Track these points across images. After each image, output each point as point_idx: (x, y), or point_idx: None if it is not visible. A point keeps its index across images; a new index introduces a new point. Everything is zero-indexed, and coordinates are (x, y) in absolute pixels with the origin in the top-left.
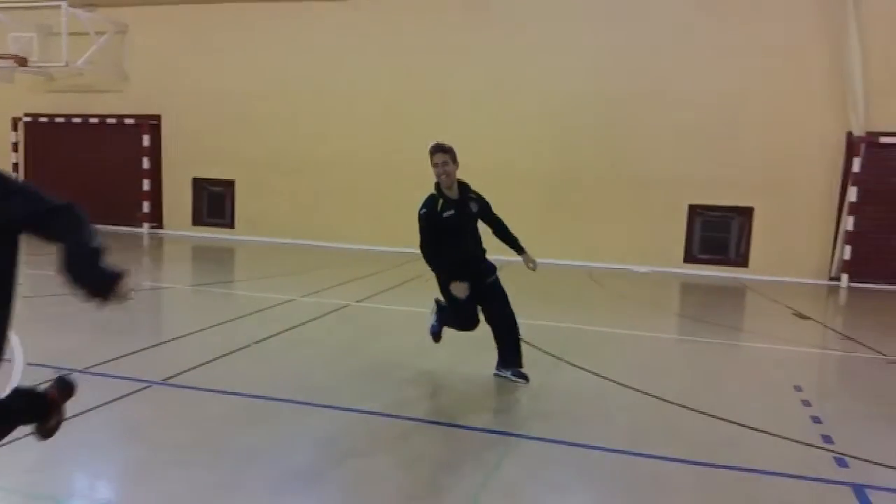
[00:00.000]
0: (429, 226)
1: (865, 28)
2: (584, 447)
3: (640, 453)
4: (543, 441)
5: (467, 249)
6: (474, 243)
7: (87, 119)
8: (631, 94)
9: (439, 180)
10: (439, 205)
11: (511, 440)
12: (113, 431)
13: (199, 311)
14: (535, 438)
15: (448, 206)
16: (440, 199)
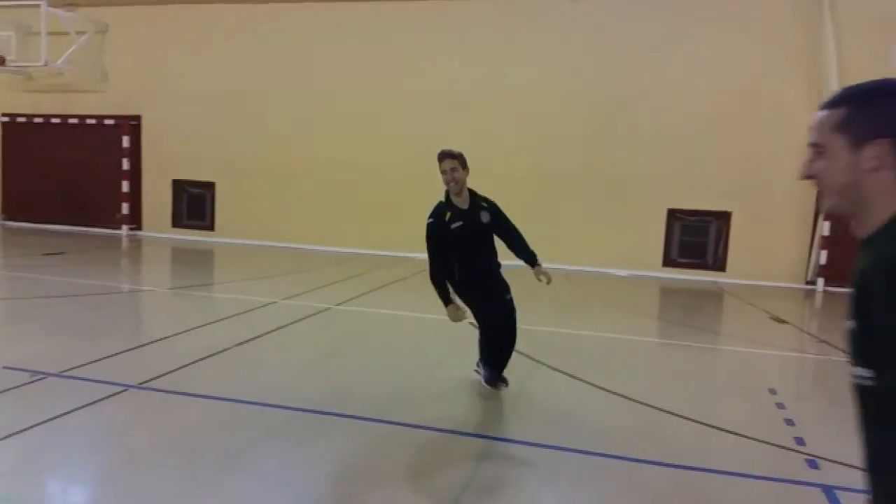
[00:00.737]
0: (435, 238)
1: (841, 37)
2: (559, 449)
3: (613, 455)
4: (519, 443)
5: (478, 262)
6: (486, 255)
7: (66, 119)
8: (611, 100)
9: (448, 188)
10: (447, 216)
11: (488, 443)
12: (89, 435)
13: (178, 314)
14: (511, 441)
15: (457, 217)
16: (448, 210)
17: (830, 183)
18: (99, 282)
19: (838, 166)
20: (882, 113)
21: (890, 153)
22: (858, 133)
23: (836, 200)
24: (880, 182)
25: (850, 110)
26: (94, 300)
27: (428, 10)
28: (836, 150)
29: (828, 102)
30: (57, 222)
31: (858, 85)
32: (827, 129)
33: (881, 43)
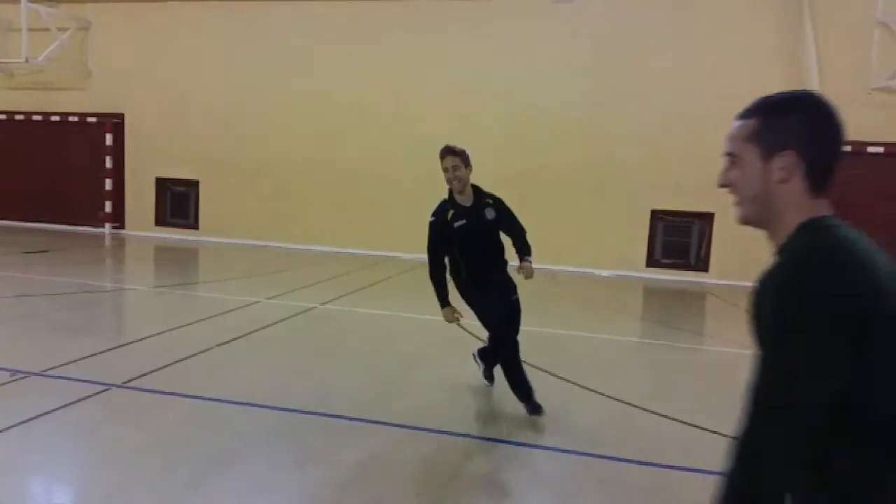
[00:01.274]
0: (436, 236)
1: (822, 42)
2: (543, 448)
3: (598, 455)
4: (503, 443)
5: (484, 261)
6: (492, 254)
7: (47, 117)
8: (595, 101)
9: (451, 186)
10: (450, 214)
11: (472, 442)
12: (70, 435)
13: (162, 313)
14: (496, 441)
15: (460, 215)
16: (451, 208)
17: (743, 192)
18: (82, 280)
19: (750, 176)
20: (790, 124)
21: (797, 164)
22: (768, 144)
23: (749, 210)
24: (789, 193)
25: (760, 121)
26: (77, 299)
27: (414, 9)
28: (748, 160)
29: (742, 113)
30: (39, 220)
31: (771, 96)
32: (740, 139)
33: (859, 46)
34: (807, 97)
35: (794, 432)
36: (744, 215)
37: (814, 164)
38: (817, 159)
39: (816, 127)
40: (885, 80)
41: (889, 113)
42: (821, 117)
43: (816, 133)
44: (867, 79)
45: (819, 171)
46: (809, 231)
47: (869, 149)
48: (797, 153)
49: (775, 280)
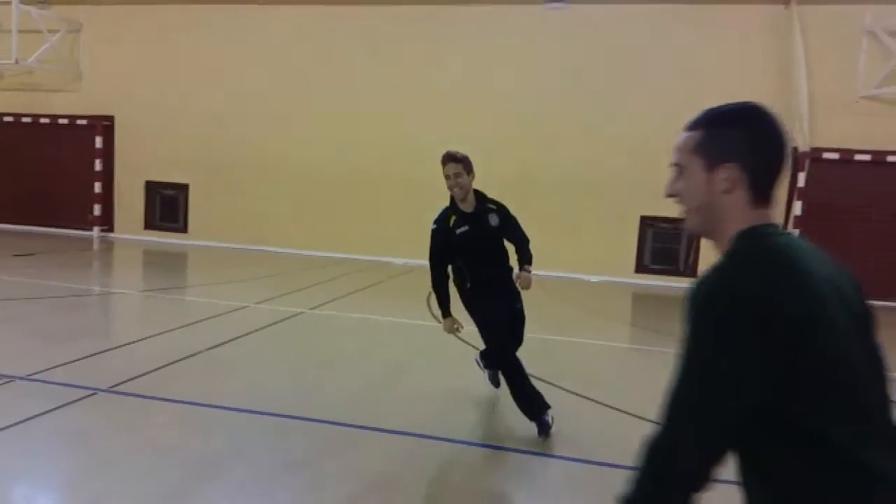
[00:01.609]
0: (438, 244)
1: (811, 48)
2: (532, 454)
3: (584, 460)
4: (491, 448)
5: (487, 269)
6: (496, 262)
7: (37, 119)
8: (585, 106)
9: (452, 193)
10: (452, 220)
11: (459, 448)
12: (56, 440)
13: (150, 317)
14: (483, 446)
15: (462, 222)
16: (453, 214)
17: (689, 203)
18: (70, 284)
19: (695, 187)
20: (733, 137)
21: (740, 176)
22: (712, 155)
23: (695, 220)
24: (732, 203)
25: (705, 134)
26: (64, 302)
27: (407, 14)
28: (693, 171)
29: (689, 125)
30: (27, 223)
31: (716, 108)
32: (686, 150)
33: (847, 55)
34: (750, 110)
35: (706, 433)
36: (691, 225)
37: (756, 175)
38: (759, 170)
39: (758, 139)
40: (872, 89)
41: (876, 121)
42: (763, 130)
43: (758, 145)
44: (855, 87)
45: (761, 182)
46: (745, 238)
47: (856, 156)
48: (740, 165)
49: (702, 284)
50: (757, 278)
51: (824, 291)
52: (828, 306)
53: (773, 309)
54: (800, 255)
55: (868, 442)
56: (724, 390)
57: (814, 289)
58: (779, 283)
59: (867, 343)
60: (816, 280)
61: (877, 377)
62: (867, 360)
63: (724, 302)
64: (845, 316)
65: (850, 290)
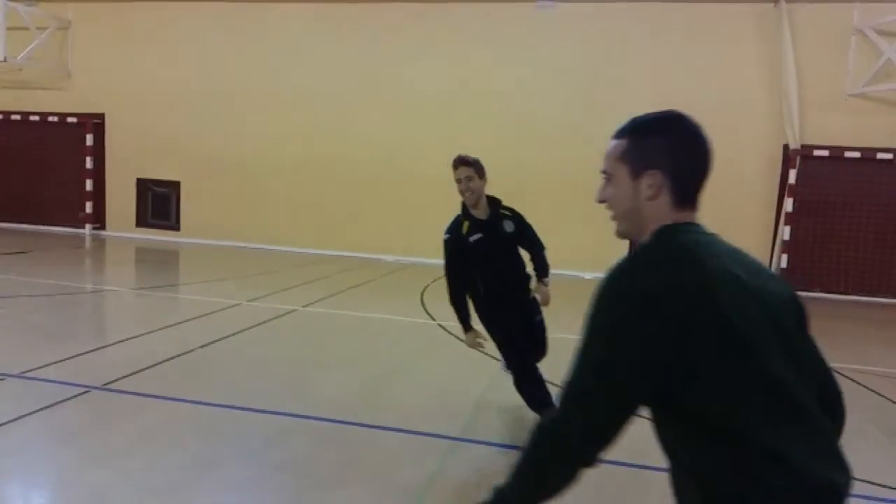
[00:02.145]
0: (453, 254)
1: (800, 47)
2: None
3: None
4: (484, 444)
5: (503, 279)
6: (512, 271)
7: (26, 117)
8: (577, 104)
9: (463, 198)
10: (465, 228)
11: (452, 444)
12: (48, 438)
13: (142, 314)
14: (476, 442)
15: (475, 229)
16: (466, 221)
17: (617, 208)
18: (61, 282)
19: (622, 193)
20: (657, 145)
21: (664, 182)
22: (637, 163)
23: (623, 225)
24: (656, 208)
25: (631, 142)
26: (57, 300)
27: (399, 12)
28: (620, 178)
29: (616, 133)
30: (18, 221)
31: (641, 117)
32: (613, 158)
33: (837, 53)
34: (674, 118)
35: (597, 418)
36: (619, 230)
37: (679, 182)
38: (682, 177)
39: (681, 147)
40: (861, 87)
41: (865, 118)
42: (686, 137)
43: (681, 152)
44: (844, 85)
45: (684, 188)
46: (658, 234)
47: (846, 153)
48: (663, 172)
49: (609, 274)
50: (657, 272)
51: (728, 288)
52: (730, 303)
53: (669, 303)
54: (707, 252)
55: (791, 440)
56: (618, 378)
57: (715, 285)
58: (678, 277)
59: (794, 343)
60: (720, 277)
61: (805, 376)
62: (792, 359)
63: (622, 293)
64: (756, 315)
65: (770, 291)
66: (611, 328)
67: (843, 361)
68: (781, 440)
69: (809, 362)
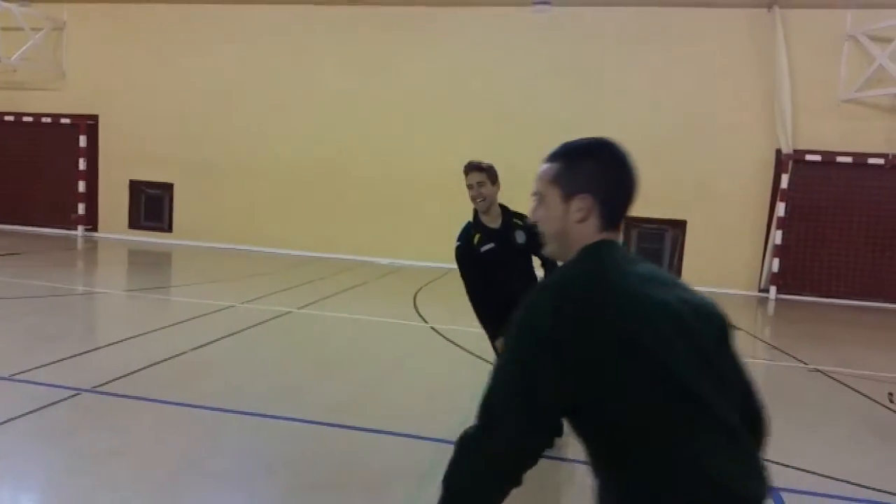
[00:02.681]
0: (465, 262)
1: (793, 52)
2: None
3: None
4: None
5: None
6: (521, 282)
7: (20, 118)
8: (571, 108)
9: (475, 205)
10: (476, 238)
11: (443, 447)
12: (38, 440)
13: (134, 317)
14: None
15: (487, 239)
16: (476, 231)
17: (548, 229)
18: (53, 283)
19: (553, 215)
20: (587, 171)
21: (593, 206)
22: (569, 186)
23: (553, 245)
24: (585, 230)
25: (562, 166)
26: (48, 302)
27: (393, 14)
28: (552, 200)
29: (549, 156)
30: (10, 222)
31: (573, 142)
32: (545, 180)
33: (829, 59)
34: (603, 145)
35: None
36: (550, 250)
37: (607, 206)
38: (610, 201)
39: (611, 173)
40: (853, 93)
41: (857, 124)
42: (614, 164)
43: (610, 178)
44: (837, 91)
45: (612, 212)
46: (582, 252)
47: (838, 158)
48: (593, 196)
49: (536, 290)
50: (575, 289)
51: (642, 305)
52: (643, 320)
53: (583, 319)
54: (624, 270)
55: (710, 454)
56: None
57: (632, 302)
58: (593, 294)
59: (714, 357)
60: (635, 294)
61: (727, 389)
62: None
63: (541, 309)
64: (671, 329)
65: (689, 306)
66: (530, 343)
67: (833, 365)
68: (701, 454)
69: (732, 375)
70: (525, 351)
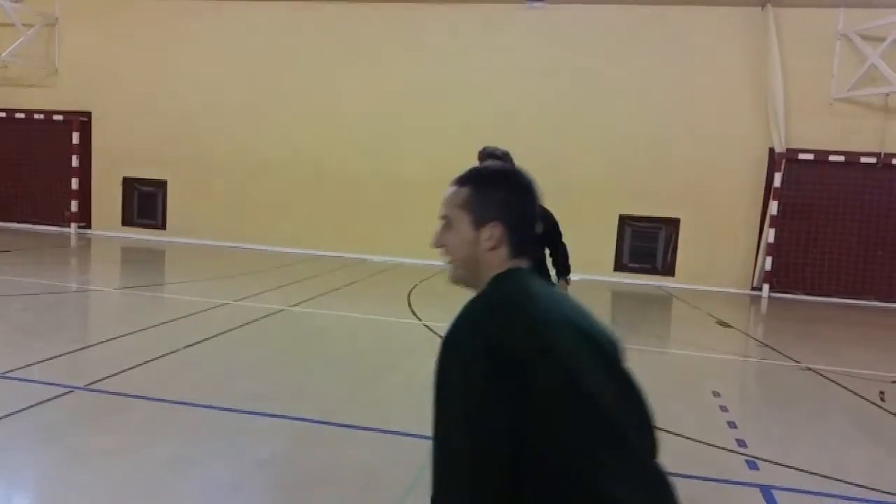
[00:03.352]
0: None
1: (786, 51)
2: None
3: None
4: None
5: None
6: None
7: (12, 114)
8: (565, 105)
9: None
10: None
11: None
12: (31, 438)
13: (128, 314)
14: None
15: None
16: None
17: (455, 255)
18: (46, 281)
19: (462, 241)
20: (499, 199)
21: (503, 233)
22: (479, 214)
23: (460, 271)
24: (495, 257)
25: (473, 192)
26: (41, 299)
27: (387, 12)
28: (461, 226)
29: (458, 180)
30: (2, 219)
31: (484, 168)
32: (455, 205)
33: (822, 58)
34: (513, 174)
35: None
36: (455, 276)
37: (516, 233)
38: (520, 229)
39: (520, 201)
40: (845, 91)
41: (849, 122)
42: (523, 193)
43: (520, 206)
44: (829, 90)
45: (520, 238)
46: (491, 284)
47: (830, 157)
48: (503, 224)
49: (450, 329)
50: (494, 323)
51: (561, 331)
52: (563, 344)
53: (508, 352)
54: (537, 297)
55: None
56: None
57: (550, 328)
58: (514, 326)
59: (621, 379)
60: (554, 319)
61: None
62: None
63: (463, 345)
64: (587, 353)
65: (595, 330)
66: (461, 384)
67: (825, 363)
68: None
69: (634, 396)
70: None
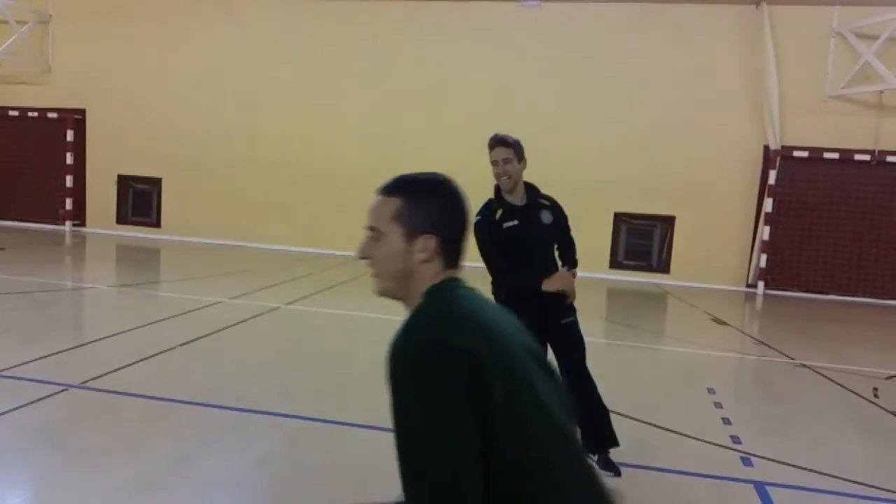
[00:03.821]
0: (486, 238)
1: (781, 49)
2: None
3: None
4: None
5: (533, 276)
6: (544, 267)
7: (6, 112)
8: (561, 103)
9: (499, 182)
10: (498, 213)
11: None
12: (24, 436)
13: (122, 312)
14: None
15: (510, 215)
16: (499, 207)
17: (384, 267)
18: (40, 279)
19: (393, 253)
20: (432, 210)
21: (437, 245)
22: (412, 226)
23: (388, 284)
24: (428, 270)
25: (404, 202)
26: (35, 297)
27: (383, 11)
28: (392, 237)
29: (385, 189)
30: None
31: (414, 177)
32: (384, 217)
33: (816, 56)
34: (443, 183)
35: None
36: (382, 289)
37: (450, 244)
38: (455, 240)
39: (453, 211)
40: (839, 89)
41: (843, 120)
42: (455, 203)
43: (454, 217)
44: (823, 87)
45: (454, 250)
46: (430, 294)
47: (825, 154)
48: (437, 236)
49: (396, 344)
50: (450, 328)
51: (504, 336)
52: (507, 350)
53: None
54: (476, 307)
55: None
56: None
57: (495, 335)
58: (468, 329)
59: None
60: (495, 326)
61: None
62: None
63: (429, 351)
64: (528, 359)
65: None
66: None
67: (821, 360)
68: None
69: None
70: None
